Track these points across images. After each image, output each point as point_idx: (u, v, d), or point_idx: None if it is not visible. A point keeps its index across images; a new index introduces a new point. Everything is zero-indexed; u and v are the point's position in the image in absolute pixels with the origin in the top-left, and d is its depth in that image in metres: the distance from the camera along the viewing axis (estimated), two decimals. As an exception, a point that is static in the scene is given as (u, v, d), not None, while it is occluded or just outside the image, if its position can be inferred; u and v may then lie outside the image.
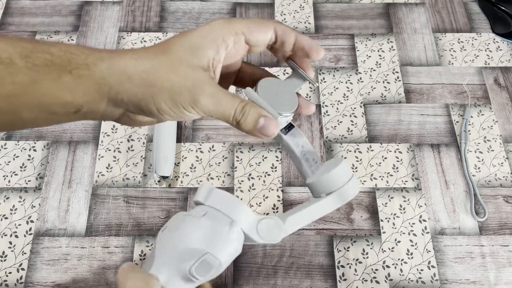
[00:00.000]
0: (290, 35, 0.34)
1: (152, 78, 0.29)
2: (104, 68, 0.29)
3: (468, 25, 0.76)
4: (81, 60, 0.28)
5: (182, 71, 0.30)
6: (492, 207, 0.60)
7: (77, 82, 0.28)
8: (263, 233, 0.35)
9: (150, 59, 0.30)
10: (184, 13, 0.76)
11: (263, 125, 0.32)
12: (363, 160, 0.63)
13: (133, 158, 0.63)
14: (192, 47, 0.31)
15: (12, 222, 0.58)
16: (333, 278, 0.55)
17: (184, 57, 0.30)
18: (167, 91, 0.29)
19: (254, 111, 0.32)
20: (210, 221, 0.34)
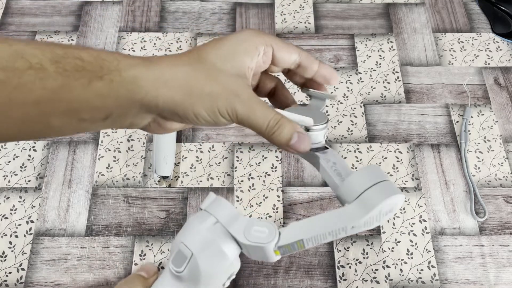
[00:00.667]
0: (314, 62, 0.35)
1: (191, 84, 0.29)
2: (137, 73, 0.28)
3: (468, 25, 0.76)
4: (113, 66, 0.28)
5: (220, 78, 0.30)
6: (492, 207, 0.60)
7: (108, 88, 0.28)
8: (250, 234, 0.33)
9: (185, 65, 0.30)
10: (184, 13, 0.76)
11: (297, 141, 0.32)
12: (363, 160, 0.63)
13: (133, 158, 0.63)
14: (228, 54, 0.31)
15: (12, 222, 0.58)
16: (333, 278, 0.55)
17: (221, 65, 0.31)
18: (206, 97, 0.29)
19: (290, 126, 0.32)
20: (192, 218, 0.35)
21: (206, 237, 0.34)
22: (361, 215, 0.31)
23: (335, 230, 0.32)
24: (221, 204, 0.35)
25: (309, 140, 0.32)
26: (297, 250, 0.34)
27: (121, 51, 0.72)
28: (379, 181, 0.31)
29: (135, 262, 0.56)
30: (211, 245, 0.34)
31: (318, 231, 0.32)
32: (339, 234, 0.32)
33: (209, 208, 0.35)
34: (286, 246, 0.33)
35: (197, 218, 0.35)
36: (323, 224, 0.32)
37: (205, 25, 0.75)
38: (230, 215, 0.35)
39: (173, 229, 0.58)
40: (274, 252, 0.33)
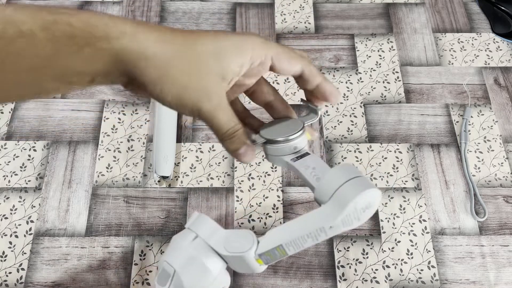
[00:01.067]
0: (316, 78, 0.35)
1: (169, 66, 0.30)
2: (125, 43, 0.29)
3: (468, 25, 0.76)
4: (101, 33, 0.28)
5: (200, 72, 0.30)
6: (492, 207, 0.60)
7: (96, 54, 0.28)
8: (229, 245, 0.34)
9: (174, 45, 0.30)
10: (184, 13, 0.76)
11: (242, 152, 0.33)
12: (363, 160, 0.63)
13: (133, 158, 0.63)
14: (221, 52, 0.31)
15: (12, 222, 0.58)
16: (333, 278, 0.55)
17: (208, 59, 0.31)
18: (178, 86, 0.30)
19: (242, 139, 0.33)
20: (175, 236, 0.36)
21: (188, 253, 0.34)
22: (337, 213, 0.30)
23: (313, 232, 0.31)
24: (203, 220, 0.36)
25: (252, 153, 0.33)
26: (279, 258, 0.33)
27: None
28: (352, 177, 0.31)
29: (135, 262, 0.56)
30: (193, 260, 0.34)
31: (296, 235, 0.32)
32: (319, 236, 0.32)
33: (192, 225, 0.36)
34: (267, 253, 0.33)
35: (179, 236, 0.36)
36: (300, 227, 0.32)
37: (205, 25, 0.75)
38: (210, 230, 0.35)
39: (173, 229, 0.58)
40: (256, 261, 0.33)
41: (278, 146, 0.35)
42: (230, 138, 0.33)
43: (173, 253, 0.35)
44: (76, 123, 0.65)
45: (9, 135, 0.64)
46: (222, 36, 0.32)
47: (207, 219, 0.36)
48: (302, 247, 0.32)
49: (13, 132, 0.64)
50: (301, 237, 0.32)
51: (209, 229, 0.35)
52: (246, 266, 0.34)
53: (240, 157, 0.33)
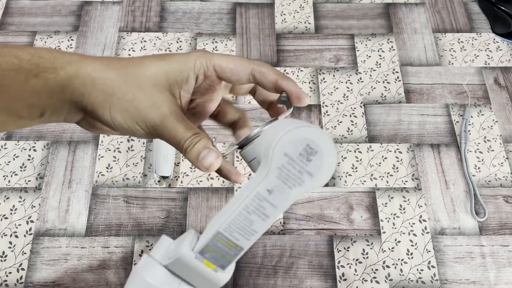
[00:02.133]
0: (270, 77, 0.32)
1: (116, 86, 0.29)
2: (71, 71, 0.29)
3: (468, 25, 0.76)
4: (49, 64, 0.28)
5: (147, 89, 0.30)
6: (492, 207, 0.60)
7: (43, 85, 0.28)
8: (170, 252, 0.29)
9: (120, 69, 0.30)
10: (184, 13, 0.76)
11: (204, 156, 0.30)
12: (363, 160, 0.63)
13: (133, 158, 0.63)
14: (166, 70, 0.31)
15: (12, 222, 0.58)
16: (333, 278, 0.55)
17: (154, 76, 0.30)
18: (126, 103, 0.29)
19: (201, 143, 0.30)
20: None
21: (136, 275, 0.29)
22: (266, 169, 0.25)
23: (250, 203, 0.26)
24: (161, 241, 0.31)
25: (216, 156, 0.29)
26: (233, 254, 0.28)
27: (121, 51, 0.72)
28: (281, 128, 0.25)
29: (135, 262, 0.56)
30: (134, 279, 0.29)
31: (231, 214, 0.26)
32: (264, 209, 0.26)
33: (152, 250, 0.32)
34: (208, 249, 0.27)
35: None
36: (234, 202, 0.27)
37: (205, 25, 0.75)
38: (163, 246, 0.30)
39: (173, 229, 0.58)
40: (204, 264, 0.28)
41: (250, 147, 0.31)
42: (189, 147, 0.30)
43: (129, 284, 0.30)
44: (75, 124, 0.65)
45: (9, 135, 0.64)
46: (166, 55, 0.32)
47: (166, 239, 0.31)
48: (254, 232, 0.27)
49: (13, 132, 0.64)
50: (240, 215, 0.26)
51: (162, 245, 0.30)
52: (200, 277, 0.28)
53: (202, 161, 0.30)
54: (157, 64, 0.31)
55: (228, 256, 0.27)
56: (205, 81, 0.33)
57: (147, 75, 0.30)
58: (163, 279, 0.28)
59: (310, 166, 0.25)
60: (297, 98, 0.32)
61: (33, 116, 0.30)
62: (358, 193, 0.61)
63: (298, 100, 0.32)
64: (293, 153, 0.25)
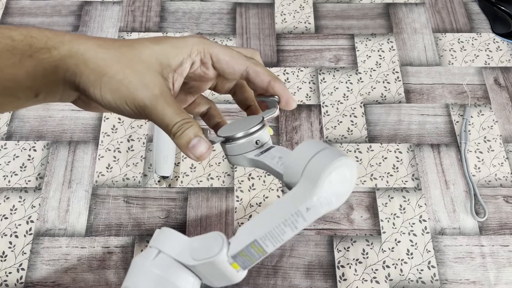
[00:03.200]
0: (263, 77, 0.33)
1: (108, 66, 0.29)
2: (64, 51, 0.29)
3: (468, 25, 0.76)
4: (42, 44, 0.29)
5: (139, 70, 0.30)
6: (492, 207, 0.60)
7: (37, 65, 0.28)
8: (196, 253, 0.29)
9: (113, 48, 0.30)
10: (184, 13, 0.76)
11: (194, 144, 0.30)
12: (363, 160, 0.63)
13: (133, 158, 0.63)
14: (160, 53, 0.31)
15: (12, 222, 0.58)
16: (333, 278, 0.55)
17: (147, 58, 0.30)
18: (116, 82, 0.29)
19: (192, 130, 0.30)
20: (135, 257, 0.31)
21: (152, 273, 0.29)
22: (310, 190, 0.27)
23: (289, 218, 0.27)
24: (165, 233, 0.31)
25: (207, 146, 0.30)
26: (259, 258, 0.29)
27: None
28: (319, 150, 0.28)
29: (135, 262, 0.56)
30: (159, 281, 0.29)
31: (271, 225, 0.28)
32: (297, 223, 0.28)
33: (153, 242, 0.31)
34: (242, 254, 0.28)
35: (140, 255, 0.30)
36: (274, 215, 0.28)
37: (205, 25, 0.75)
38: (174, 241, 0.30)
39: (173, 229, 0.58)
40: (231, 266, 0.29)
41: (239, 143, 0.32)
42: (179, 131, 0.30)
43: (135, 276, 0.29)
44: (76, 123, 0.65)
45: (9, 135, 0.64)
46: (161, 38, 0.32)
47: (170, 231, 0.31)
48: (282, 240, 0.28)
49: (13, 132, 0.64)
50: (277, 226, 0.28)
51: (173, 240, 0.30)
52: (221, 275, 0.29)
53: (193, 150, 0.30)
54: (151, 48, 0.31)
55: (254, 259, 0.29)
56: (200, 67, 0.33)
57: (140, 57, 0.30)
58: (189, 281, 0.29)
59: (342, 191, 0.28)
60: (286, 102, 0.33)
61: (28, 97, 0.30)
62: (358, 193, 0.61)
63: (287, 104, 0.33)
64: (336, 180, 0.27)
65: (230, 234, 0.57)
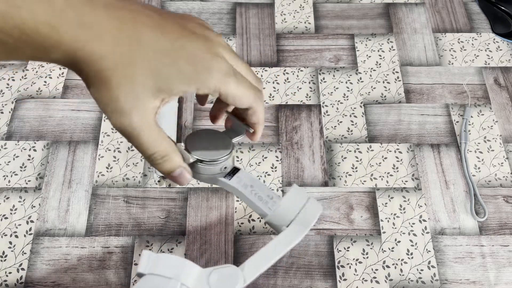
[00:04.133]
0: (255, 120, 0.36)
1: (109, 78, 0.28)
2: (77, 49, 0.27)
3: (468, 25, 0.76)
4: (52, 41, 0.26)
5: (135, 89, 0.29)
6: (492, 207, 0.60)
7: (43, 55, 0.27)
8: (215, 286, 0.32)
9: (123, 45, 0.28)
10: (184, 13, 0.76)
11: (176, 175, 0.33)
12: (363, 160, 0.63)
13: (133, 158, 0.63)
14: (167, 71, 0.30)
15: (12, 222, 0.58)
16: (333, 278, 0.55)
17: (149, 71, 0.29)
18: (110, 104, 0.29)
19: (175, 162, 0.32)
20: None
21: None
22: (302, 234, 0.35)
23: (285, 254, 0.35)
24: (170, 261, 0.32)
25: (188, 176, 0.34)
26: None
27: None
28: (305, 201, 0.36)
29: (135, 262, 0.56)
30: None
31: (272, 261, 0.35)
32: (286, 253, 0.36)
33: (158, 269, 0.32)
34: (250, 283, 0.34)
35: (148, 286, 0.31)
36: (276, 254, 0.35)
37: (205, 25, 0.75)
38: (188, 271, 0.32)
39: (173, 229, 0.58)
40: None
41: (208, 166, 0.37)
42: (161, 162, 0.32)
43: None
44: (76, 123, 0.65)
45: (9, 135, 0.64)
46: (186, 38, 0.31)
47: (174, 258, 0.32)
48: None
49: (13, 132, 0.64)
50: (277, 260, 0.35)
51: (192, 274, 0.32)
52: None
53: (176, 180, 0.33)
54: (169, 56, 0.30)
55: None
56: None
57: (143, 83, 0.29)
58: None
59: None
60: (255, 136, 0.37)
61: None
62: (358, 193, 0.61)
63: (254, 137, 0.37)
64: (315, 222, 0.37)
65: (230, 234, 0.57)
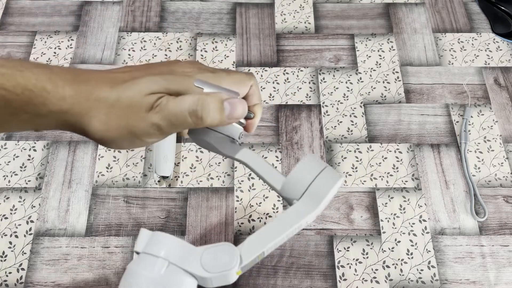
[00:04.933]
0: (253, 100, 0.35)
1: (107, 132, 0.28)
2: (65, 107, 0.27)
3: (468, 25, 0.76)
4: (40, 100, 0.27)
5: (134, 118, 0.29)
6: (492, 207, 0.60)
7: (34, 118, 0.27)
8: (208, 265, 0.29)
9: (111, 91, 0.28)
10: (184, 13, 0.76)
11: (231, 110, 0.29)
12: (363, 160, 0.63)
13: (133, 158, 0.63)
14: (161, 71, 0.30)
15: (12, 222, 0.58)
16: (333, 278, 0.55)
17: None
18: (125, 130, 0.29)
19: (213, 98, 0.29)
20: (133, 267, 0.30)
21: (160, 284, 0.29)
22: (313, 208, 0.30)
23: (292, 232, 0.31)
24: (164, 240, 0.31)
25: (244, 102, 0.30)
26: (257, 260, 0.31)
27: (121, 51, 0.72)
28: (321, 170, 0.30)
29: (135, 262, 0.56)
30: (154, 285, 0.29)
31: (276, 238, 0.31)
32: (295, 232, 0.31)
33: (150, 248, 0.31)
34: (249, 263, 0.31)
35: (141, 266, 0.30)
36: (280, 230, 0.31)
37: (205, 25, 0.75)
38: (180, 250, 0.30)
39: (173, 229, 0.58)
40: (236, 273, 0.31)
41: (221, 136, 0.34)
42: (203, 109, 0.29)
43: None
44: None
45: (9, 135, 0.64)
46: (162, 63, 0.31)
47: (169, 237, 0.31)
48: (278, 245, 0.32)
49: (13, 132, 0.64)
50: (282, 239, 0.31)
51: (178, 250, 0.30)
52: (223, 280, 0.30)
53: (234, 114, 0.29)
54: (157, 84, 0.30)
55: (254, 263, 0.31)
56: None
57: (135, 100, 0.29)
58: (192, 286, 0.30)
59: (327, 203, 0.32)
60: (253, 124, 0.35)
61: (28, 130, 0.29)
62: (358, 193, 0.61)
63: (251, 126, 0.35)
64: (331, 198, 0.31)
65: (230, 234, 0.57)
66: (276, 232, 0.31)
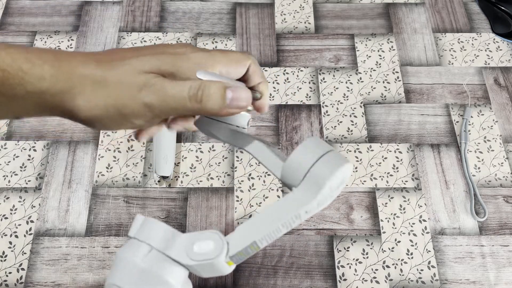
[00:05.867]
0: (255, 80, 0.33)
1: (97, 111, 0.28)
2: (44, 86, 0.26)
3: (468, 25, 0.76)
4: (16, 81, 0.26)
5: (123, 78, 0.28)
6: (492, 207, 0.60)
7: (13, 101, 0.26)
8: (193, 252, 0.28)
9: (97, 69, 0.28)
10: (184, 13, 0.76)
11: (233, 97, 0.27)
12: (363, 160, 0.63)
13: (133, 158, 0.63)
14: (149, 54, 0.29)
15: (12, 222, 0.58)
16: (333, 278, 0.55)
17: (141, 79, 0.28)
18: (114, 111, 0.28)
19: (216, 84, 0.28)
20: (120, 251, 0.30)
21: (142, 269, 0.28)
22: (312, 196, 0.27)
23: (287, 220, 0.28)
24: (152, 225, 0.30)
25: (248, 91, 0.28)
26: (251, 254, 0.29)
27: (121, 51, 0.72)
28: (323, 153, 0.27)
29: (135, 262, 0.56)
30: (150, 278, 0.28)
31: (270, 228, 0.28)
32: (294, 223, 0.28)
33: (139, 234, 0.30)
34: (240, 254, 0.29)
35: (127, 250, 0.29)
36: (274, 218, 0.28)
37: (205, 25, 0.75)
38: (165, 236, 0.30)
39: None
40: (227, 263, 0.29)
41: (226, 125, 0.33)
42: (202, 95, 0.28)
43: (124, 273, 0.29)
44: (76, 123, 0.65)
45: (9, 135, 0.64)
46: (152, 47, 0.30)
47: (157, 223, 0.30)
48: (275, 238, 0.29)
49: (13, 132, 0.64)
50: (277, 229, 0.28)
51: (163, 236, 0.29)
52: (213, 270, 0.29)
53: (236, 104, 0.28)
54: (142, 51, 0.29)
55: (247, 256, 0.29)
56: None
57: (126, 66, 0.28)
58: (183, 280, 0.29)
59: (336, 193, 0.29)
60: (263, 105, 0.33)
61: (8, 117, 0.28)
62: (358, 193, 0.61)
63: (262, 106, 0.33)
64: (334, 186, 0.28)
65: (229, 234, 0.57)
66: (268, 222, 0.28)
